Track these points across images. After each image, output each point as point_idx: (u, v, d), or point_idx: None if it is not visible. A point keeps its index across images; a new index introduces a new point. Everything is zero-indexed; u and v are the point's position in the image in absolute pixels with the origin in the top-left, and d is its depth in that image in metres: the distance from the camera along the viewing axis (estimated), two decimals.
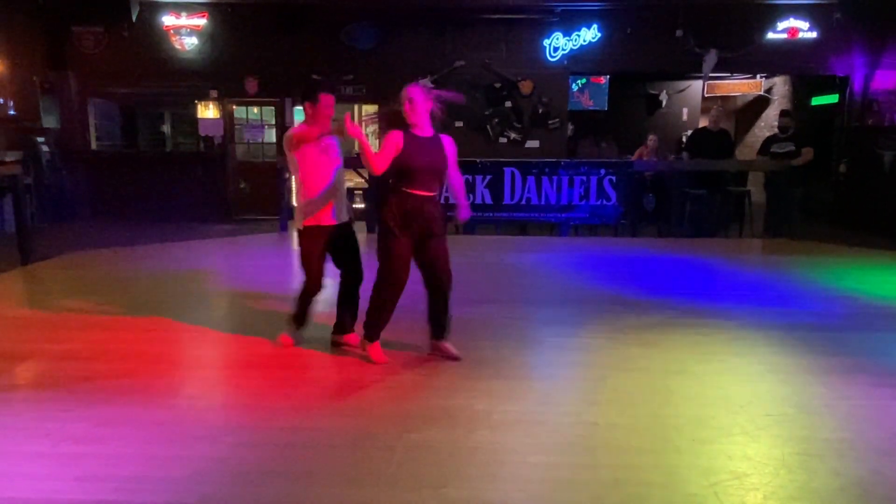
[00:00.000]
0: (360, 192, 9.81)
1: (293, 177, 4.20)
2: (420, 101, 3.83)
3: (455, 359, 4.01)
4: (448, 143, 4.00)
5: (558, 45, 10.81)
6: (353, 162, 10.48)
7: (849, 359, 4.10)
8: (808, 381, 3.74)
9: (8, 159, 9.06)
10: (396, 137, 3.77)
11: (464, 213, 4.14)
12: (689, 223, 9.06)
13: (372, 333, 4.01)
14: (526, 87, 10.96)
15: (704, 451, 2.92)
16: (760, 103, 13.56)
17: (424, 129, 3.88)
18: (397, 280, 3.84)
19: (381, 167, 3.75)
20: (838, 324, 4.88)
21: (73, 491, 2.55)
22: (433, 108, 3.92)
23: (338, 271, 4.26)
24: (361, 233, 9.33)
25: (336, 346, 4.29)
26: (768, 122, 13.02)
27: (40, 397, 3.48)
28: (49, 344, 4.26)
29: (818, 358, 4.10)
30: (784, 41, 10.54)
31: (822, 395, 3.55)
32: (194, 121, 11.38)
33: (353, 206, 9.88)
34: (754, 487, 2.61)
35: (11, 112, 10.09)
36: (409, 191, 3.79)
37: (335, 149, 4.14)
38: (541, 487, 2.64)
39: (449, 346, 4.07)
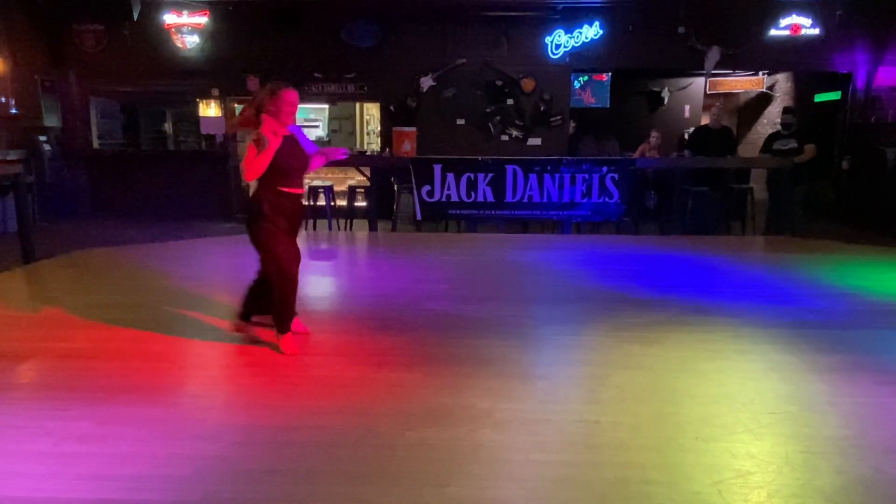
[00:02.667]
0: (362, 190, 9.79)
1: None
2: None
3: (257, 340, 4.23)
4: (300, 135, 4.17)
5: (560, 42, 10.79)
6: (355, 160, 10.52)
7: (852, 356, 4.08)
8: (811, 379, 3.73)
9: (10, 158, 9.08)
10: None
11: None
12: (691, 221, 9.04)
13: (285, 326, 4.13)
14: (528, 84, 10.95)
15: (708, 449, 2.91)
16: (763, 100, 13.54)
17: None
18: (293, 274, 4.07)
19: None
20: (841, 321, 4.86)
21: (75, 490, 2.55)
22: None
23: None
24: (364, 230, 9.36)
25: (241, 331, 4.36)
26: (771, 119, 13.00)
27: (42, 396, 3.48)
28: (51, 343, 4.25)
29: (821, 356, 4.08)
30: (786, 38, 10.52)
31: (826, 393, 3.54)
32: (196, 119, 11.38)
33: (355, 204, 9.89)
34: (758, 485, 2.61)
35: (13, 111, 10.10)
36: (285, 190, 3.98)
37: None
38: (543, 486, 2.63)
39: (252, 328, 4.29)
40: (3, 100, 9.92)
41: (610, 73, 11.68)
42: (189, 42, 10.73)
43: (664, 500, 2.51)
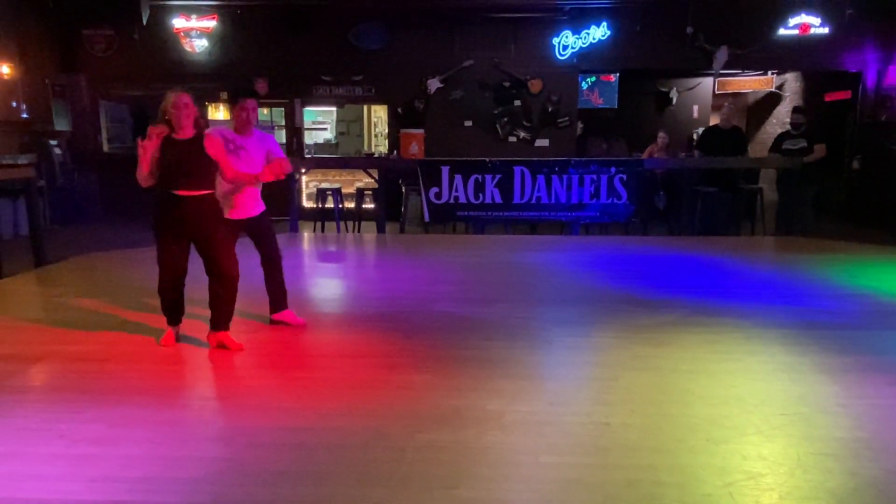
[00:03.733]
0: (370, 192, 9.81)
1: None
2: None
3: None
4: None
5: (567, 43, 10.78)
6: (363, 162, 10.55)
7: (863, 357, 4.06)
8: (823, 380, 3.71)
9: (21, 162, 9.15)
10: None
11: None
12: (700, 221, 9.00)
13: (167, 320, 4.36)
14: (535, 85, 10.95)
15: (719, 450, 2.89)
16: (772, 100, 13.48)
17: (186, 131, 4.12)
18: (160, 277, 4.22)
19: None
20: (852, 322, 4.83)
21: (87, 492, 2.57)
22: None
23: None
24: (372, 232, 9.38)
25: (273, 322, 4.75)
26: (780, 118, 12.94)
27: (54, 399, 3.51)
28: (62, 345, 4.28)
29: (832, 357, 4.06)
30: (795, 37, 10.47)
31: (837, 395, 3.52)
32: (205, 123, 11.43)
33: (363, 206, 9.91)
34: (769, 488, 2.59)
35: (24, 115, 10.18)
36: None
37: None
38: (553, 488, 2.62)
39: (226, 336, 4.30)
40: (14, 104, 10.00)
41: (618, 74, 11.66)
42: (198, 46, 10.79)
43: (674, 502, 2.50)
